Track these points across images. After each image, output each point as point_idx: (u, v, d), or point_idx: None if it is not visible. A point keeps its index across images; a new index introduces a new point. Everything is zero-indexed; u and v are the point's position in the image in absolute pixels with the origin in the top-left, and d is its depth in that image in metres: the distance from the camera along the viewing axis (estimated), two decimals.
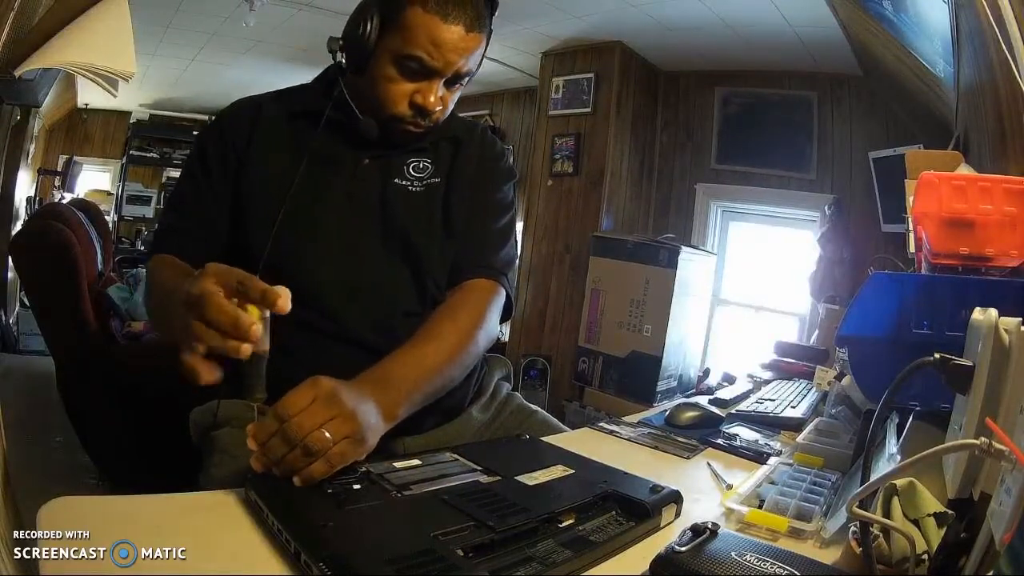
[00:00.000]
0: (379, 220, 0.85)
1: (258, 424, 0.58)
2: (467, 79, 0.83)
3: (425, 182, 0.88)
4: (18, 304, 3.66)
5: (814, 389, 1.35)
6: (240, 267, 0.76)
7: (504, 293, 0.89)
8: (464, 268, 0.88)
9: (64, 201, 4.11)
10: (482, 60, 0.84)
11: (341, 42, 0.80)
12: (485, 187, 0.92)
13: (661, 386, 2.84)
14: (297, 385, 0.60)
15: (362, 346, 0.80)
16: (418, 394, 0.72)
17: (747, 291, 3.37)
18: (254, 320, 0.53)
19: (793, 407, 1.22)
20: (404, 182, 0.87)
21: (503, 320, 0.91)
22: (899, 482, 0.53)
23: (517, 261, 0.96)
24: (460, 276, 0.87)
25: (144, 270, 0.94)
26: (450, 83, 0.82)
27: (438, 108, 0.81)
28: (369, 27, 0.77)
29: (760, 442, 1.00)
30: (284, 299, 0.53)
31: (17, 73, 1.74)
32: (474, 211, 0.90)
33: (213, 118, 0.91)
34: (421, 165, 0.89)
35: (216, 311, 0.52)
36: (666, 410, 1.11)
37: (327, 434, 0.56)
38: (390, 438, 0.69)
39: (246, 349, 0.53)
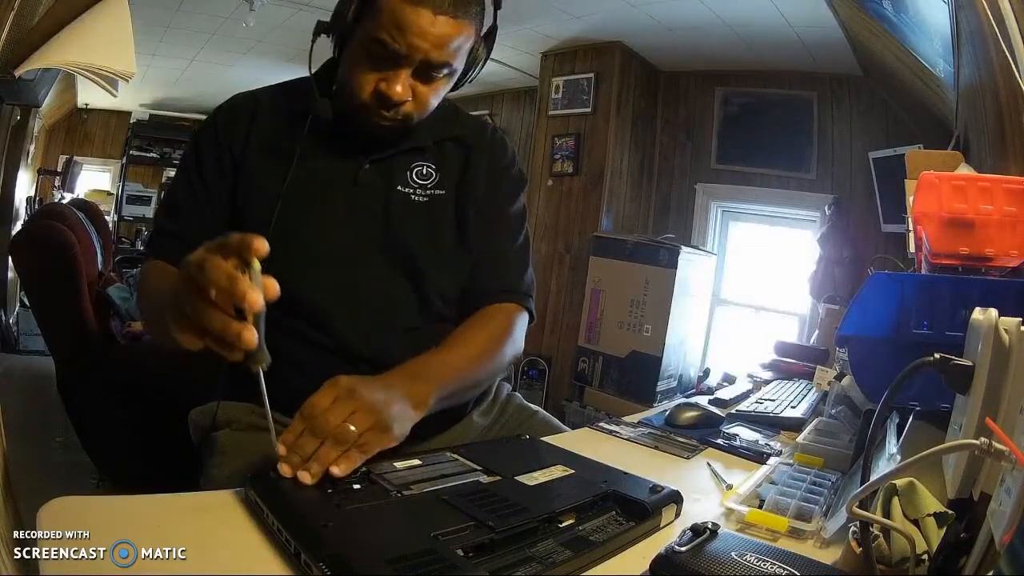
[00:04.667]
0: (380, 231, 0.82)
1: (286, 432, 0.59)
2: (445, 71, 0.76)
3: (429, 192, 0.85)
4: (18, 304, 3.66)
5: (814, 389, 1.35)
6: None
7: (528, 316, 0.90)
8: (488, 292, 0.86)
9: (64, 201, 4.12)
10: (475, 55, 0.80)
11: (324, 24, 0.78)
12: (499, 200, 0.90)
13: (661, 386, 2.84)
14: (296, 396, 0.61)
15: (361, 361, 0.77)
16: (448, 387, 0.73)
17: (747, 291, 3.37)
18: (249, 285, 0.51)
19: (793, 407, 1.22)
20: (407, 190, 0.84)
21: (528, 323, 0.91)
22: (899, 482, 0.53)
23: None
24: (485, 300, 0.86)
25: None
26: (423, 75, 0.76)
27: (406, 99, 0.76)
28: (348, 11, 0.74)
29: (760, 442, 1.00)
30: (259, 240, 0.51)
31: (17, 73, 1.74)
32: (491, 229, 0.88)
33: (209, 115, 0.87)
34: (424, 170, 0.86)
35: (214, 269, 0.51)
36: (666, 410, 1.11)
37: (352, 427, 0.59)
38: None
39: (251, 338, 0.51)
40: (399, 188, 0.84)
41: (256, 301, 0.50)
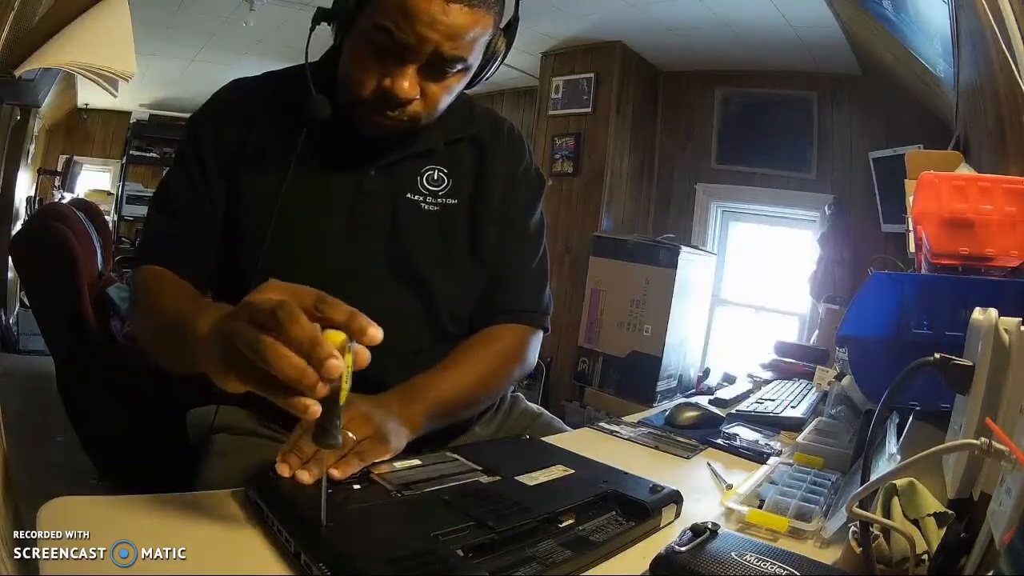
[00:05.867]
0: (387, 244, 0.76)
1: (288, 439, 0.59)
2: (459, 67, 0.68)
3: (440, 200, 0.79)
4: (18, 304, 3.66)
5: (814, 389, 1.35)
6: (230, 288, 0.69)
7: (543, 332, 0.87)
8: (503, 313, 0.83)
9: (64, 201, 4.12)
10: (492, 50, 0.72)
11: (326, 12, 0.70)
12: (517, 211, 0.84)
13: (661, 386, 2.84)
14: (294, 420, 0.60)
15: (365, 386, 0.70)
16: (442, 408, 0.72)
17: (747, 291, 3.37)
18: (332, 351, 0.44)
19: (793, 407, 1.22)
20: (417, 197, 0.78)
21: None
22: (899, 482, 0.53)
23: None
24: (498, 320, 0.83)
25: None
26: (434, 71, 0.68)
27: (413, 97, 0.68)
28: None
29: (760, 442, 1.00)
30: (374, 328, 0.45)
31: (17, 73, 1.74)
32: (509, 246, 0.83)
33: (205, 103, 0.79)
34: (436, 175, 0.79)
35: (295, 323, 0.43)
36: (666, 410, 1.11)
37: (350, 434, 0.59)
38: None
39: (325, 391, 0.44)
40: (408, 196, 0.77)
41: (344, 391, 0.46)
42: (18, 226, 3.45)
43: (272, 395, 0.46)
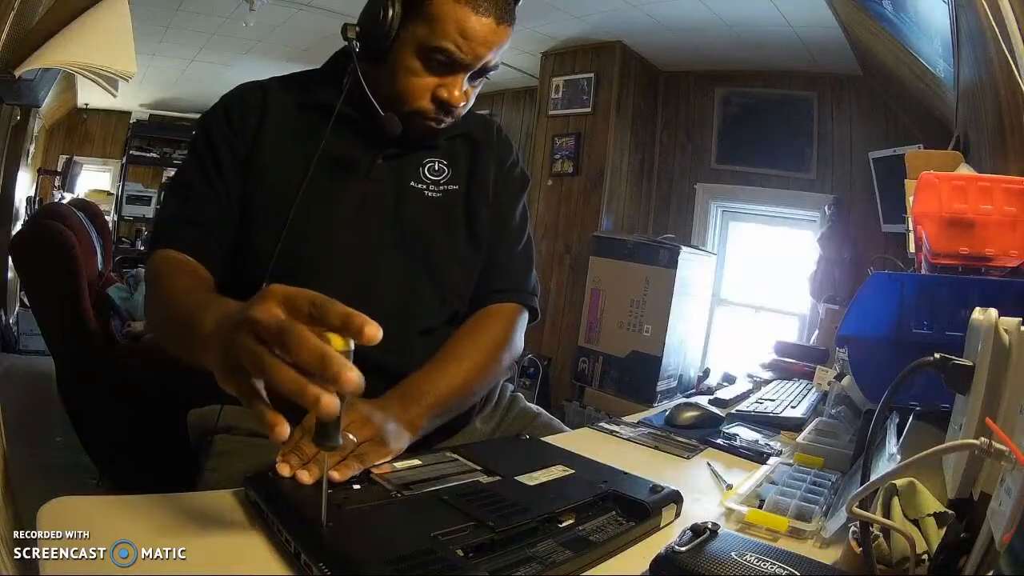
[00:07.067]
0: (395, 227, 0.81)
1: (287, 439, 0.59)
2: (492, 73, 0.79)
3: (442, 187, 0.84)
4: (18, 304, 3.66)
5: (814, 389, 1.35)
6: (244, 271, 0.70)
7: (529, 313, 0.89)
8: (491, 293, 0.86)
9: (64, 201, 4.12)
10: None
11: (357, 28, 0.74)
12: (506, 201, 0.90)
13: (661, 386, 2.84)
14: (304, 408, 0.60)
15: (376, 368, 0.68)
16: (440, 408, 0.74)
17: (747, 291, 3.37)
18: (344, 363, 0.43)
19: (793, 407, 1.22)
20: (420, 185, 0.83)
21: (531, 321, 0.91)
22: (899, 482, 0.53)
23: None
24: (488, 300, 0.86)
25: (144, 269, 0.86)
26: (474, 77, 0.77)
27: (462, 103, 0.77)
28: (391, 14, 0.72)
29: (760, 442, 1.00)
30: (372, 327, 0.44)
31: (17, 73, 1.74)
32: (498, 232, 0.88)
33: (216, 103, 0.83)
34: (436, 166, 0.85)
35: (301, 346, 0.43)
36: (666, 410, 1.11)
37: (351, 436, 0.60)
38: None
39: (329, 403, 0.43)
40: (411, 184, 0.82)
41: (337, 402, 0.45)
42: (18, 226, 3.45)
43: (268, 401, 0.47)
